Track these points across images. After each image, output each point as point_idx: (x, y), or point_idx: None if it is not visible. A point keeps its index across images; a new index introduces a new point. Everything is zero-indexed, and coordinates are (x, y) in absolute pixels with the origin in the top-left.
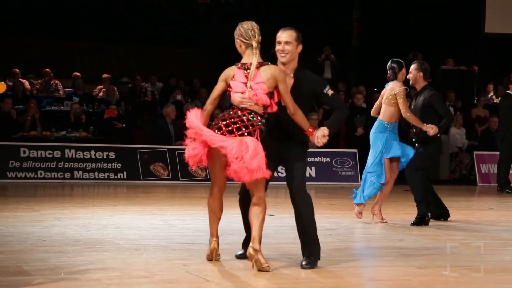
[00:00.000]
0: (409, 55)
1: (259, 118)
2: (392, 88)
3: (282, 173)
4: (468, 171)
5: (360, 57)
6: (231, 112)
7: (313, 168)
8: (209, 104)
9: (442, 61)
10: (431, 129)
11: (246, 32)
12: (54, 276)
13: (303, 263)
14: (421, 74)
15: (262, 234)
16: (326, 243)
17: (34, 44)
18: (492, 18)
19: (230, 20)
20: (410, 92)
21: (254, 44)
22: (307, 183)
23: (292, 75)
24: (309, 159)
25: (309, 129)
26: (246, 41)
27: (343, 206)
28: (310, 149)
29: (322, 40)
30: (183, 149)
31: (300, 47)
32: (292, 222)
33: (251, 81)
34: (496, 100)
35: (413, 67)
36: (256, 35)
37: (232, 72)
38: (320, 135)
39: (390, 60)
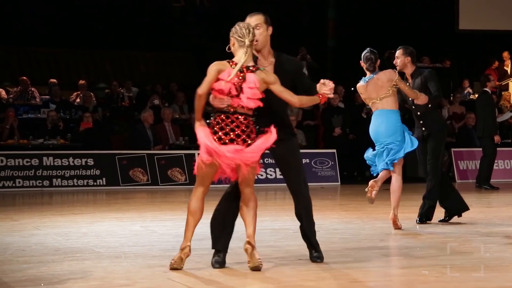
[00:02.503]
0: (385, 54)
1: (251, 118)
2: (390, 78)
3: (261, 175)
4: (446, 168)
5: (336, 57)
6: (225, 119)
7: None
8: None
9: (418, 59)
10: (423, 97)
11: (241, 29)
12: (34, 287)
13: (314, 255)
14: (409, 58)
15: (242, 238)
16: (306, 245)
17: (10, 51)
18: (466, 15)
19: (205, 22)
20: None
21: (247, 42)
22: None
23: (272, 58)
24: None
25: (320, 97)
26: (239, 38)
27: (323, 207)
28: None
29: (298, 41)
30: (162, 154)
31: (270, 29)
32: (272, 225)
33: (243, 83)
34: (472, 97)
35: (399, 52)
36: (251, 34)
37: (223, 68)
38: (327, 89)
39: (366, 50)
